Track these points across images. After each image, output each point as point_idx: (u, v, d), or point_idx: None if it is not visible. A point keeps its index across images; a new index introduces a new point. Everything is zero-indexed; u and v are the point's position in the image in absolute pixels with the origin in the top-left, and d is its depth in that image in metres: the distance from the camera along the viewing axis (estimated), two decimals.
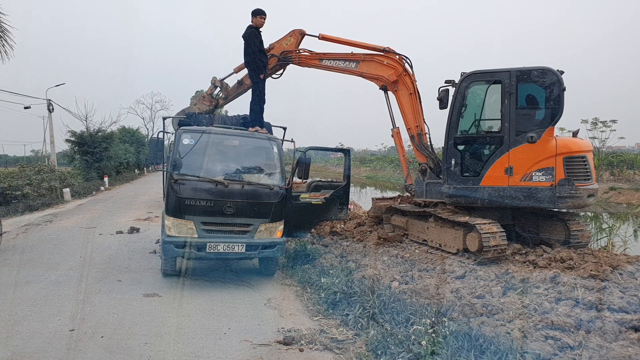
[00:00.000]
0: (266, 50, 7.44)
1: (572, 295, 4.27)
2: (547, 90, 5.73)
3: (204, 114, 7.40)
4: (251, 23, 6.88)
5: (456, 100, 6.17)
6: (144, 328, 4.55)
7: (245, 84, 7.66)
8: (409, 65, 7.20)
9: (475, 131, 6.39)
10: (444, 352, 3.77)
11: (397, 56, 7.20)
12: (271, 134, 6.90)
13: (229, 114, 8.35)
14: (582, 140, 6.07)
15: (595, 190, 5.81)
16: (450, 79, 6.34)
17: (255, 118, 6.88)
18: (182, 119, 6.94)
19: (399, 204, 7.94)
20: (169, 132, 7.14)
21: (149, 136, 45.15)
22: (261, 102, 6.99)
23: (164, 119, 7.30)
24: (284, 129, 7.28)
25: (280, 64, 7.58)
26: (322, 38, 7.39)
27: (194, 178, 5.82)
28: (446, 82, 6.38)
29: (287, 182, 6.37)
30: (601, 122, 26.66)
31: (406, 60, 7.21)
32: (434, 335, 4.01)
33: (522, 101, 5.88)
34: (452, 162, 6.21)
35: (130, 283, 6.09)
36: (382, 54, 7.27)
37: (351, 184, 7.84)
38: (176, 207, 5.71)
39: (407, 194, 8.09)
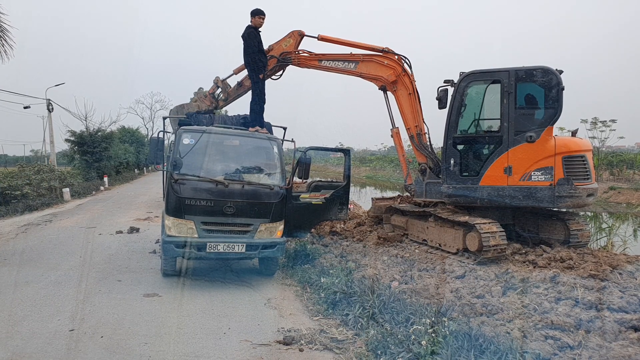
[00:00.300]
0: (265, 52, 7.42)
1: (572, 295, 4.27)
2: (546, 90, 5.73)
3: (202, 112, 7.39)
4: (250, 23, 6.89)
5: (455, 100, 6.16)
6: (143, 328, 4.55)
7: (245, 85, 7.64)
8: (408, 66, 7.20)
9: (474, 131, 6.38)
10: (443, 351, 3.78)
11: (396, 56, 7.19)
12: (271, 134, 6.90)
13: (229, 113, 8.35)
14: (581, 139, 6.07)
15: (595, 190, 5.80)
16: (449, 78, 6.34)
17: (255, 118, 6.88)
18: (182, 118, 6.94)
19: (398, 203, 7.94)
20: (168, 132, 7.15)
21: (149, 136, 45.16)
22: (261, 102, 6.99)
23: (164, 118, 7.30)
24: (284, 129, 7.29)
25: (280, 65, 7.56)
26: (321, 39, 7.38)
27: (194, 178, 5.82)
28: (445, 81, 6.37)
29: (287, 182, 6.37)
30: (601, 121, 26.70)
31: (405, 61, 7.20)
32: (433, 335, 4.01)
33: (521, 101, 5.88)
34: (451, 162, 6.20)
35: (130, 283, 6.09)
36: (381, 54, 7.26)
37: (351, 184, 7.84)
38: (176, 207, 5.71)
39: (407, 193, 8.09)
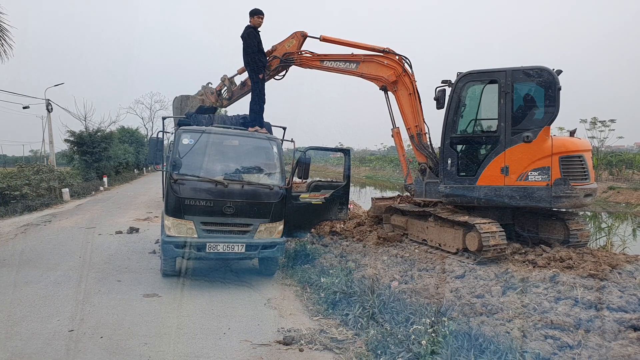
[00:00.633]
0: (269, 52, 7.51)
1: (572, 294, 4.27)
2: (543, 90, 5.72)
3: (203, 110, 7.38)
4: (249, 23, 6.89)
5: (452, 100, 6.18)
6: (143, 328, 4.55)
7: (248, 85, 7.72)
8: (408, 66, 7.21)
9: (471, 131, 6.40)
10: (443, 351, 3.78)
11: (396, 57, 7.20)
12: (271, 133, 6.89)
13: (229, 113, 8.35)
14: (579, 139, 6.05)
15: (593, 190, 5.78)
16: (447, 79, 6.36)
17: (255, 118, 6.88)
18: (182, 119, 6.94)
19: (398, 203, 7.95)
20: (168, 132, 7.14)
21: (148, 136, 45.14)
22: (261, 102, 6.99)
23: (164, 118, 7.29)
24: (284, 128, 7.29)
25: (283, 65, 7.63)
26: (323, 40, 7.43)
27: (193, 178, 5.82)
28: (443, 82, 6.39)
29: (287, 182, 6.36)
30: (600, 121, 26.67)
31: (406, 61, 7.21)
32: (433, 334, 4.01)
33: (518, 101, 5.87)
34: (449, 162, 6.22)
35: (129, 283, 6.09)
36: (381, 54, 7.27)
37: (351, 184, 7.83)
38: (176, 207, 5.71)
39: (407, 193, 8.10)
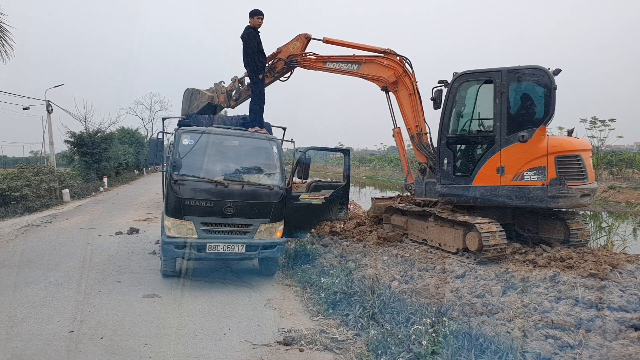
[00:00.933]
0: (274, 54, 7.63)
1: (572, 294, 4.27)
2: (538, 89, 5.69)
3: (204, 109, 7.52)
4: (249, 24, 6.89)
5: (448, 100, 6.20)
6: (143, 329, 4.55)
7: None
8: (409, 66, 7.22)
9: (467, 131, 6.41)
10: (444, 351, 3.77)
11: (397, 57, 7.22)
12: (271, 134, 6.90)
13: (229, 114, 8.36)
14: (577, 139, 5.98)
15: (591, 190, 5.70)
16: (443, 79, 6.37)
17: (255, 118, 6.88)
18: (182, 119, 6.95)
19: (398, 203, 7.94)
20: (168, 133, 7.14)
21: (148, 137, 45.13)
22: (261, 103, 6.99)
23: (164, 119, 7.30)
24: (284, 129, 7.29)
25: (287, 67, 7.72)
26: (326, 41, 7.50)
27: (193, 178, 5.81)
28: (439, 82, 6.42)
29: (286, 182, 6.36)
30: (600, 121, 26.65)
31: (406, 61, 7.23)
32: (434, 334, 4.01)
33: (514, 100, 5.85)
34: (445, 162, 6.23)
35: (129, 284, 6.09)
36: (382, 55, 7.30)
37: (351, 184, 7.84)
38: (176, 208, 5.71)
39: (407, 193, 8.10)
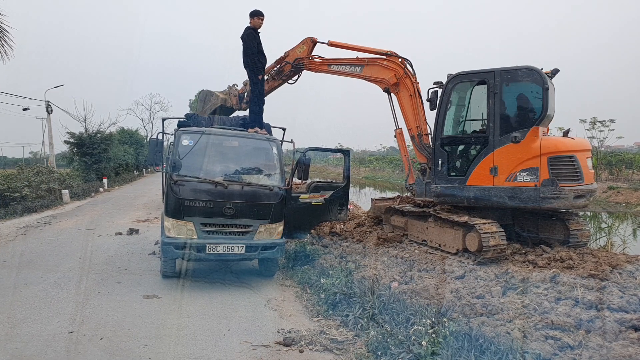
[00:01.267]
0: (282, 58, 7.80)
1: (572, 294, 4.27)
2: (531, 90, 5.69)
3: (227, 106, 7.90)
4: (249, 24, 6.89)
5: (442, 101, 6.21)
6: (143, 330, 4.54)
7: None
8: (410, 68, 7.23)
9: (461, 131, 6.43)
10: (444, 352, 3.77)
11: (399, 59, 7.25)
12: (270, 134, 6.90)
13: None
14: (572, 139, 5.94)
15: (587, 191, 5.60)
16: (438, 80, 6.42)
17: (254, 119, 6.88)
18: (182, 120, 6.95)
19: (398, 204, 7.95)
20: (168, 133, 7.15)
21: (148, 137, 45.13)
22: (260, 103, 7.00)
23: (164, 120, 7.30)
24: (284, 129, 7.29)
25: (294, 70, 7.86)
26: (331, 44, 7.62)
27: (193, 179, 5.81)
28: (434, 83, 6.46)
29: (286, 182, 6.37)
30: (599, 121, 26.63)
31: (408, 63, 7.25)
32: (434, 335, 4.01)
33: (507, 101, 5.85)
34: (440, 162, 6.25)
35: (129, 285, 6.08)
36: (384, 57, 7.33)
37: (351, 185, 7.84)
38: (176, 208, 5.71)
39: (407, 193, 8.12)
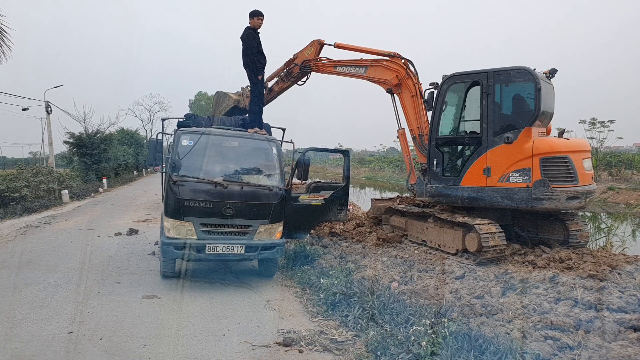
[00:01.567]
0: (290, 60, 8.04)
1: (571, 295, 4.28)
2: (523, 90, 5.70)
3: (240, 107, 8.05)
4: (249, 24, 6.89)
5: (437, 102, 6.24)
6: (143, 330, 4.54)
7: (274, 90, 8.32)
8: (413, 69, 7.25)
9: (455, 132, 6.45)
10: (443, 352, 3.77)
11: (402, 60, 7.27)
12: (270, 135, 6.90)
13: None
14: (566, 140, 5.89)
15: (582, 193, 5.52)
16: (434, 81, 6.47)
17: (254, 119, 6.89)
18: (181, 120, 6.95)
19: (398, 204, 7.95)
20: (167, 134, 7.14)
21: (148, 138, 45.13)
22: (260, 104, 7.00)
23: (163, 120, 7.30)
24: (283, 130, 7.29)
25: (302, 72, 8.06)
26: (337, 46, 7.78)
27: (193, 179, 5.81)
28: (430, 84, 6.51)
29: (286, 183, 6.37)
30: (599, 122, 26.64)
31: (411, 64, 7.26)
32: (433, 335, 4.01)
33: (500, 101, 5.86)
34: (435, 162, 6.30)
35: (129, 285, 6.08)
36: (387, 58, 7.37)
37: (350, 185, 7.84)
38: (175, 209, 5.71)
39: (407, 194, 8.13)
